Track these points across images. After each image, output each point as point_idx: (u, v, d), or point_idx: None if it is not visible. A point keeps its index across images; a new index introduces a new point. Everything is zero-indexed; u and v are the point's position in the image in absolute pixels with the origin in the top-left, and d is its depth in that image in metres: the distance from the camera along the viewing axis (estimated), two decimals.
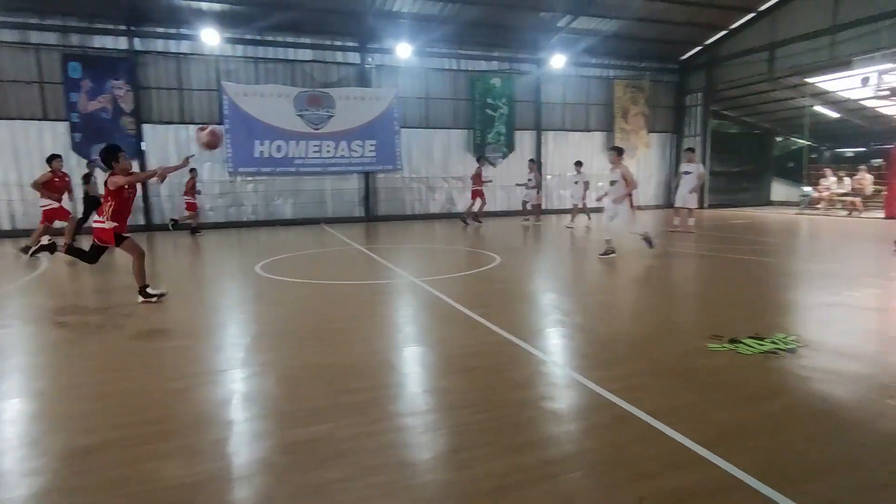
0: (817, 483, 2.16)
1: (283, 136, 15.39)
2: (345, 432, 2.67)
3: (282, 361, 3.79)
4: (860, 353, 3.75)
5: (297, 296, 6.13)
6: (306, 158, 15.78)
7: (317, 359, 3.83)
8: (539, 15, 16.25)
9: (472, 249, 9.72)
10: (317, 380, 3.41)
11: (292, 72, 15.53)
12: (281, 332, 4.59)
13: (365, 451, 2.49)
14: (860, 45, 14.36)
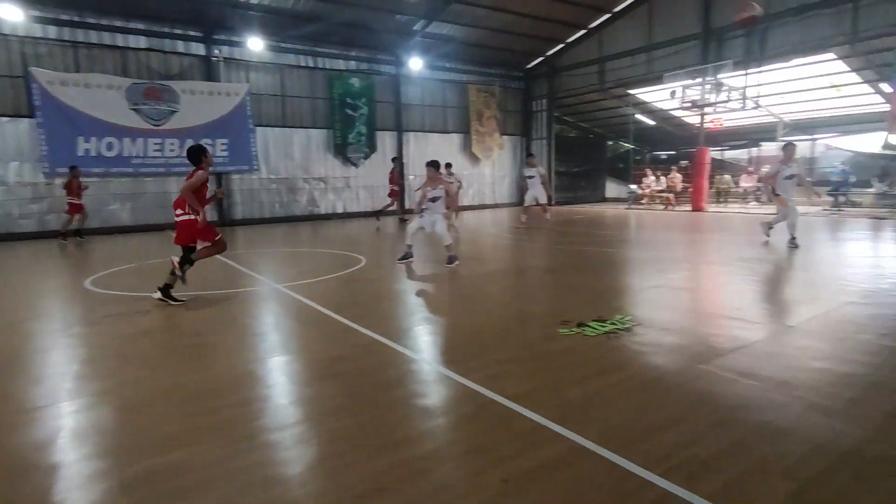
0: (650, 442, 2.49)
1: (115, 133, 13.56)
2: (204, 458, 2.46)
3: (123, 388, 3.36)
4: (679, 328, 4.41)
5: (139, 312, 5.47)
6: (146, 158, 14.11)
7: (167, 380, 3.47)
8: (396, 18, 16.44)
9: (337, 252, 9.52)
10: (167, 404, 3.09)
11: (123, 60, 13.76)
12: (121, 354, 4.06)
13: (229, 474, 2.31)
14: (669, 63, 16.83)
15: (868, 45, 13.96)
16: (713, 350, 3.77)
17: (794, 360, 3.59)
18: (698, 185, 17.20)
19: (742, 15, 8.37)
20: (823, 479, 2.18)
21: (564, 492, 2.13)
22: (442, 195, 7.77)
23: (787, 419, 2.71)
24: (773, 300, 5.33)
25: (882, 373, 3.30)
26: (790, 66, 15.74)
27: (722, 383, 3.19)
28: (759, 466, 2.27)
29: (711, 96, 15.37)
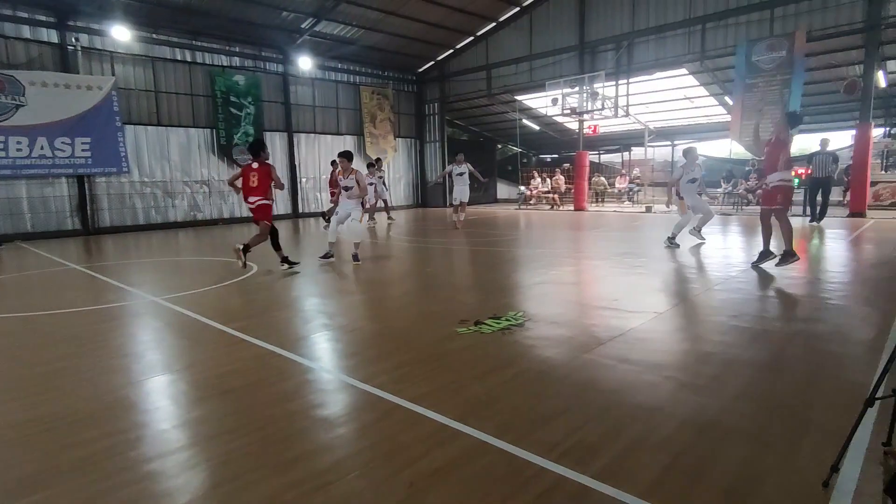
0: (543, 430, 2.64)
1: None
2: (70, 498, 2.18)
3: None
4: (565, 321, 4.71)
5: None
6: None
7: (20, 414, 3.03)
8: (282, 14, 15.80)
9: (224, 259, 8.93)
10: (21, 442, 2.71)
11: None
12: None
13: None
14: (550, 72, 17.96)
15: (714, 63, 15.97)
16: (595, 339, 4.08)
17: (663, 344, 4.00)
18: (579, 187, 18.52)
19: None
20: (690, 449, 2.45)
21: (468, 487, 2.19)
22: (353, 185, 7.94)
23: (658, 398, 3.01)
24: (643, 290, 5.89)
25: (735, 350, 3.78)
26: (653, 78, 17.55)
27: (603, 370, 3.47)
28: (636, 444, 2.50)
29: (588, 104, 16.64)
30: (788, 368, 3.43)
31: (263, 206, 7.35)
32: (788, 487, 2.13)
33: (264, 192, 7.27)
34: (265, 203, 7.35)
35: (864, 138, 13.16)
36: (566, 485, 2.18)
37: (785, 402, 2.92)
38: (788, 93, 13.45)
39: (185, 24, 15.05)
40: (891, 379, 2.27)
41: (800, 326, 4.38)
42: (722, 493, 2.11)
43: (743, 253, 8.30)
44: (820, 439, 2.49)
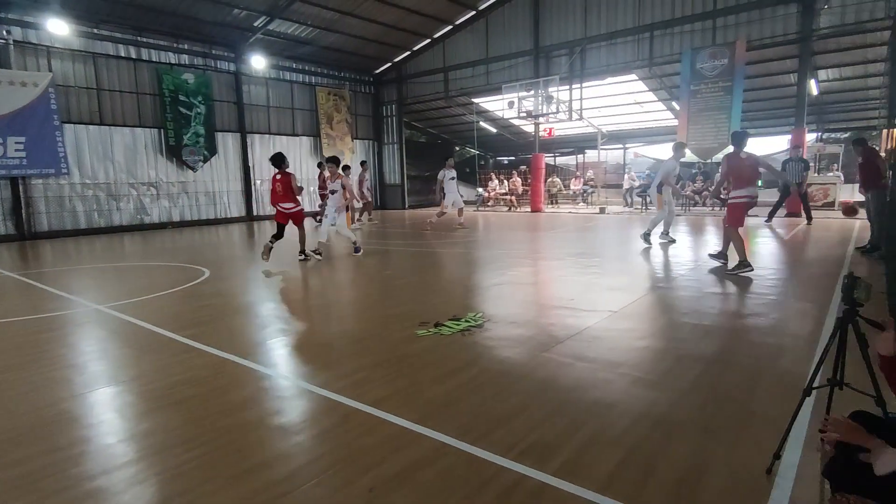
0: (503, 430, 2.67)
1: None
2: None
3: None
4: (524, 321, 4.78)
5: None
6: None
7: None
8: (233, 12, 15.37)
9: (175, 264, 8.60)
10: None
11: None
12: None
13: None
14: (506, 75, 18.21)
15: (661, 70, 16.60)
16: (553, 339, 4.16)
17: (618, 342, 4.12)
18: (536, 189, 18.85)
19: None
20: (643, 443, 2.53)
21: (428, 490, 2.18)
22: (339, 189, 8.78)
23: (613, 394, 3.10)
24: (598, 290, 6.05)
25: (686, 346, 3.94)
26: (604, 83, 18.08)
27: (561, 368, 3.54)
28: (592, 440, 2.57)
29: (543, 107, 16.97)
30: (734, 362, 3.59)
31: (298, 212, 8.37)
32: (735, 475, 2.23)
33: (293, 198, 8.27)
34: (299, 209, 8.39)
35: (799, 143, 13.96)
36: (526, 483, 2.21)
37: (730, 394, 3.06)
38: (730, 99, 14.14)
39: (129, 20, 14.43)
40: (826, 369, 2.41)
41: (744, 321, 4.60)
42: (673, 484, 2.18)
43: (691, 252, 8.64)
44: (763, 428, 2.62)
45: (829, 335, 2.39)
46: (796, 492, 2.10)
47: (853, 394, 2.34)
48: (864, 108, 17.93)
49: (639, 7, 15.52)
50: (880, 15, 12.34)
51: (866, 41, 13.87)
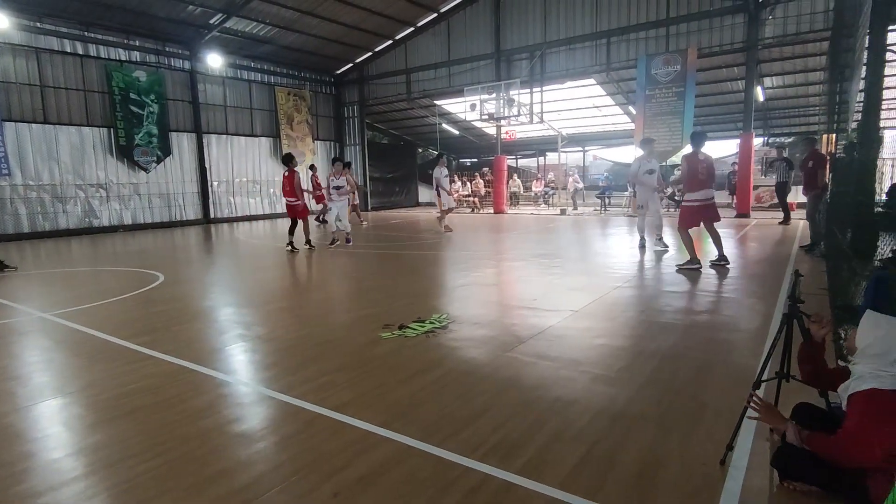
0: (467, 430, 2.69)
1: None
2: None
3: None
4: (488, 321, 4.82)
5: None
6: None
7: None
8: (187, 8, 14.90)
9: (127, 269, 8.27)
10: None
11: None
12: None
13: None
14: (468, 78, 18.34)
15: (618, 75, 17.06)
16: (516, 338, 4.21)
17: (579, 340, 4.21)
18: (498, 190, 19.04)
19: None
20: (603, 438, 2.59)
21: (394, 492, 2.17)
22: (344, 184, 10.30)
23: (575, 391, 3.17)
24: (560, 290, 6.16)
25: (643, 343, 4.06)
26: (564, 87, 18.43)
27: (524, 367, 3.59)
28: (555, 437, 2.61)
29: (505, 110, 17.17)
30: (688, 357, 3.73)
31: (297, 206, 9.68)
32: (691, 467, 2.31)
33: (293, 193, 9.65)
34: (298, 203, 9.69)
35: (747, 147, 14.63)
36: (490, 483, 2.23)
37: (685, 388, 3.17)
38: (683, 104, 14.67)
39: (76, 14, 13.79)
40: (774, 363, 2.54)
41: (697, 318, 4.78)
42: (633, 478, 2.25)
43: (649, 252, 8.91)
44: (716, 420, 2.73)
45: (776, 330, 2.51)
46: (748, 481, 2.20)
47: (800, 386, 2.48)
48: (805, 114, 18.92)
49: (596, 14, 15.92)
50: (820, 26, 13.07)
51: (807, 51, 14.66)
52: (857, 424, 1.90)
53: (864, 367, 1.99)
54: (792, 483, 2.11)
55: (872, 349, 1.98)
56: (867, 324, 2.05)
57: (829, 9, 12.55)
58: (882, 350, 1.95)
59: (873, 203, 5.18)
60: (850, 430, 1.91)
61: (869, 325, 2.05)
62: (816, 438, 2.00)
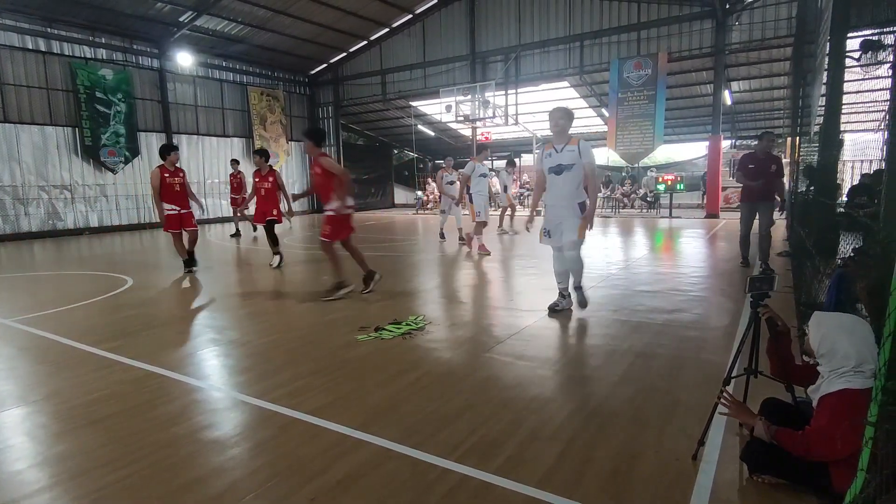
0: (445, 432, 2.69)
1: None
2: None
3: None
4: (464, 322, 4.83)
5: None
6: None
7: None
8: (155, 5, 14.56)
9: (93, 272, 8.02)
10: None
11: None
12: None
13: None
14: (444, 79, 18.38)
15: (591, 78, 17.32)
16: (493, 339, 4.23)
17: (554, 340, 4.26)
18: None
19: None
20: (579, 436, 2.62)
21: (373, 495, 2.16)
22: (456, 179, 10.05)
23: (551, 390, 3.20)
24: (536, 290, 6.21)
25: (616, 342, 4.12)
26: (538, 89, 18.62)
27: (502, 367, 3.61)
28: (533, 436, 2.63)
29: (480, 112, 17.26)
30: (659, 354, 3.80)
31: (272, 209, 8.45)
32: (664, 462, 2.36)
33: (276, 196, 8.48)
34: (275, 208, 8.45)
35: (715, 149, 15.02)
36: (469, 483, 2.24)
37: (657, 385, 3.23)
38: (654, 107, 14.98)
39: (38, 10, 13.34)
40: (742, 360, 2.61)
41: (668, 317, 4.88)
42: (608, 474, 2.28)
43: (622, 253, 9.06)
44: (687, 416, 2.79)
45: (744, 328, 2.58)
46: (719, 475, 2.25)
47: (767, 381, 2.55)
48: (770, 117, 19.53)
49: (569, 17, 16.14)
50: (784, 33, 13.51)
51: (772, 56, 15.14)
52: (824, 423, 1.96)
53: (824, 369, 2.06)
54: (761, 476, 2.17)
55: (822, 348, 2.05)
56: (812, 324, 2.15)
57: (793, 16, 12.99)
58: (828, 349, 2.03)
59: (835, 203, 5.38)
60: (817, 427, 1.98)
61: (813, 325, 2.14)
62: (784, 433, 2.07)
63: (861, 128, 14.13)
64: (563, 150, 4.70)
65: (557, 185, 4.76)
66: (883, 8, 4.36)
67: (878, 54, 4.33)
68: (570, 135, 4.79)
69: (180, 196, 7.55)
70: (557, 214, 4.83)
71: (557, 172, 4.73)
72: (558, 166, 4.70)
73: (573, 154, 4.65)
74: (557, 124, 4.74)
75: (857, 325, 2.06)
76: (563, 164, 4.69)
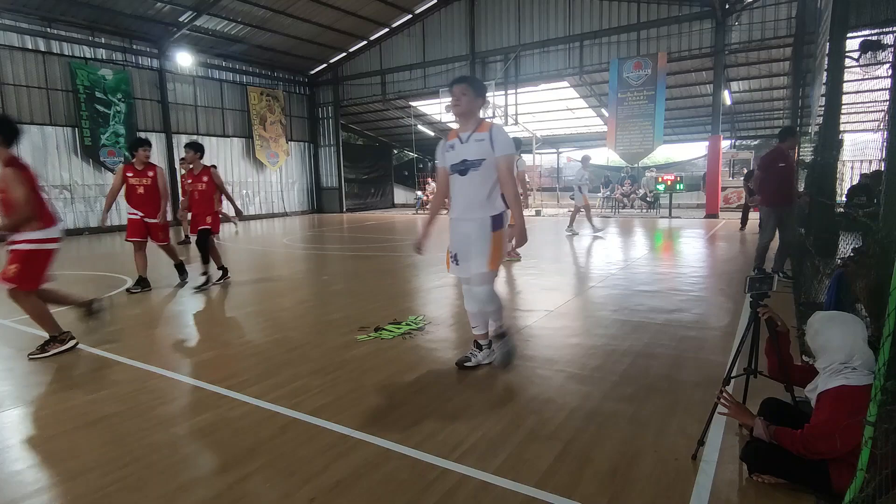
0: (445, 432, 2.68)
1: None
2: None
3: None
4: (464, 322, 4.80)
5: None
6: None
7: None
8: (155, 5, 14.56)
9: (93, 273, 8.02)
10: None
11: None
12: None
13: None
14: (443, 79, 18.35)
15: (591, 78, 17.32)
16: None
17: (554, 339, 4.25)
18: None
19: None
20: (578, 436, 2.62)
21: (371, 497, 2.15)
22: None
23: (550, 390, 3.20)
24: (536, 290, 6.21)
25: (616, 342, 4.12)
26: (538, 89, 18.63)
27: (501, 367, 3.60)
28: (532, 436, 2.63)
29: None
30: (659, 354, 3.80)
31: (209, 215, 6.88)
32: (663, 462, 2.36)
33: (213, 199, 6.92)
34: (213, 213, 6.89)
35: (715, 149, 15.02)
36: (468, 483, 2.23)
37: (657, 385, 3.23)
38: (653, 107, 14.98)
39: (37, 9, 13.34)
40: (742, 360, 2.61)
41: (668, 316, 4.88)
42: (607, 474, 2.28)
43: (622, 253, 9.06)
44: (687, 416, 2.79)
45: (744, 328, 2.58)
46: (719, 474, 2.25)
47: (767, 381, 2.55)
48: (770, 117, 19.53)
49: (569, 17, 16.14)
50: (783, 33, 13.51)
51: (772, 56, 15.14)
52: (823, 420, 1.97)
53: (820, 365, 2.12)
54: (760, 476, 2.17)
55: (815, 344, 2.13)
56: (808, 324, 2.22)
57: (792, 16, 12.99)
58: (821, 344, 2.10)
59: (834, 204, 5.38)
60: (816, 424, 1.98)
61: (808, 325, 2.21)
62: (783, 433, 2.07)
63: (861, 128, 14.14)
64: (468, 140, 3.30)
65: (462, 189, 3.39)
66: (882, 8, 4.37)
67: (878, 54, 4.33)
68: (482, 118, 3.40)
69: (145, 200, 6.37)
70: (464, 232, 3.45)
71: (462, 172, 3.33)
72: (463, 163, 3.31)
73: (482, 145, 3.24)
74: (459, 101, 3.31)
75: (848, 320, 2.12)
76: (469, 159, 3.28)
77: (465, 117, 3.34)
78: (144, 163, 6.41)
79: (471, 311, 3.63)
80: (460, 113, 3.34)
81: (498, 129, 3.29)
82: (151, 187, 6.39)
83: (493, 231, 3.35)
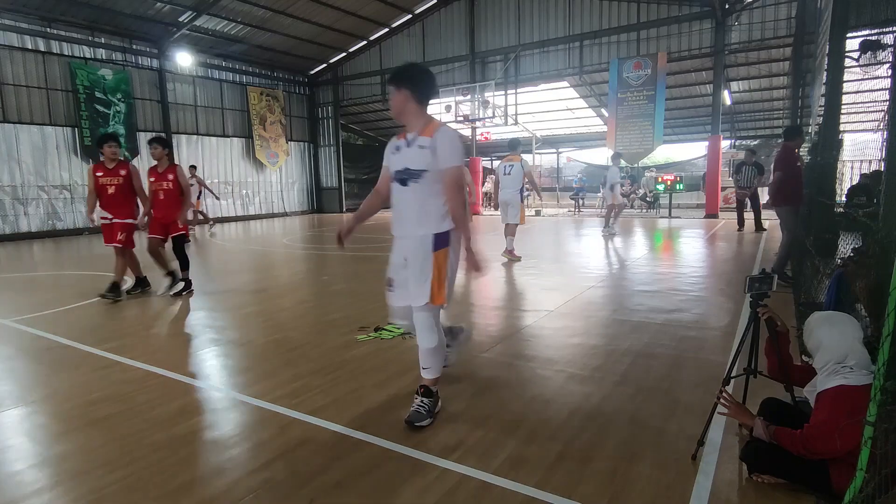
0: (445, 432, 2.68)
1: None
2: None
3: None
4: (464, 321, 4.80)
5: None
6: None
7: None
8: (155, 5, 14.56)
9: (93, 273, 8.01)
10: None
11: None
12: None
13: None
14: (444, 79, 18.35)
15: (591, 78, 17.33)
16: (493, 338, 4.23)
17: (554, 340, 4.25)
18: (476, 193, 19.11)
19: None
20: (578, 436, 2.62)
21: (372, 497, 2.16)
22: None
23: (551, 390, 3.20)
24: (535, 290, 6.22)
25: (616, 342, 4.12)
26: (538, 89, 18.64)
27: (501, 368, 3.61)
28: (532, 436, 2.63)
29: (480, 112, 17.27)
30: (659, 354, 3.80)
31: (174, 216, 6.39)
32: (663, 463, 2.36)
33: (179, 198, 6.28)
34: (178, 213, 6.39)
35: (715, 149, 15.02)
36: (468, 483, 2.23)
37: (657, 385, 3.23)
38: (653, 107, 14.98)
39: (37, 9, 13.34)
40: (742, 360, 2.61)
41: (668, 317, 4.88)
42: (607, 474, 2.28)
43: (621, 253, 9.06)
44: (687, 416, 2.79)
45: (744, 328, 2.58)
46: (719, 474, 2.25)
47: (767, 381, 2.55)
48: (770, 117, 19.54)
49: (569, 17, 16.14)
50: (783, 33, 13.51)
51: (772, 56, 15.15)
52: (822, 420, 1.97)
53: (818, 365, 2.14)
54: (760, 476, 2.17)
55: (811, 343, 2.16)
56: (806, 323, 2.25)
57: (792, 16, 12.99)
58: (817, 344, 2.12)
59: (834, 204, 5.38)
60: (815, 424, 1.98)
61: (805, 326, 2.24)
62: (782, 433, 2.07)
63: (860, 128, 14.14)
64: (413, 144, 2.81)
65: (403, 201, 2.86)
66: (882, 8, 4.37)
67: (878, 54, 4.33)
68: (430, 118, 2.92)
69: (117, 201, 5.93)
70: (404, 251, 2.97)
71: (402, 182, 2.81)
72: (405, 171, 2.79)
73: (424, 153, 2.74)
74: (391, 102, 2.95)
75: (842, 320, 2.15)
76: (411, 168, 2.77)
77: (401, 119, 2.88)
78: (114, 160, 5.96)
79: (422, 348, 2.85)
80: (394, 115, 2.91)
81: (443, 135, 2.75)
82: (124, 186, 5.95)
83: (435, 251, 2.78)
